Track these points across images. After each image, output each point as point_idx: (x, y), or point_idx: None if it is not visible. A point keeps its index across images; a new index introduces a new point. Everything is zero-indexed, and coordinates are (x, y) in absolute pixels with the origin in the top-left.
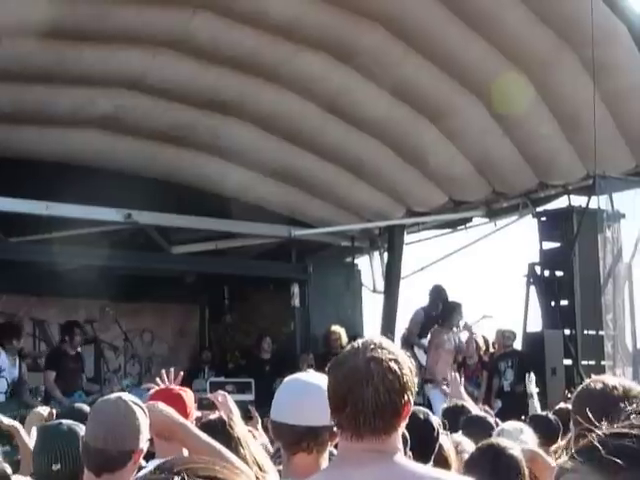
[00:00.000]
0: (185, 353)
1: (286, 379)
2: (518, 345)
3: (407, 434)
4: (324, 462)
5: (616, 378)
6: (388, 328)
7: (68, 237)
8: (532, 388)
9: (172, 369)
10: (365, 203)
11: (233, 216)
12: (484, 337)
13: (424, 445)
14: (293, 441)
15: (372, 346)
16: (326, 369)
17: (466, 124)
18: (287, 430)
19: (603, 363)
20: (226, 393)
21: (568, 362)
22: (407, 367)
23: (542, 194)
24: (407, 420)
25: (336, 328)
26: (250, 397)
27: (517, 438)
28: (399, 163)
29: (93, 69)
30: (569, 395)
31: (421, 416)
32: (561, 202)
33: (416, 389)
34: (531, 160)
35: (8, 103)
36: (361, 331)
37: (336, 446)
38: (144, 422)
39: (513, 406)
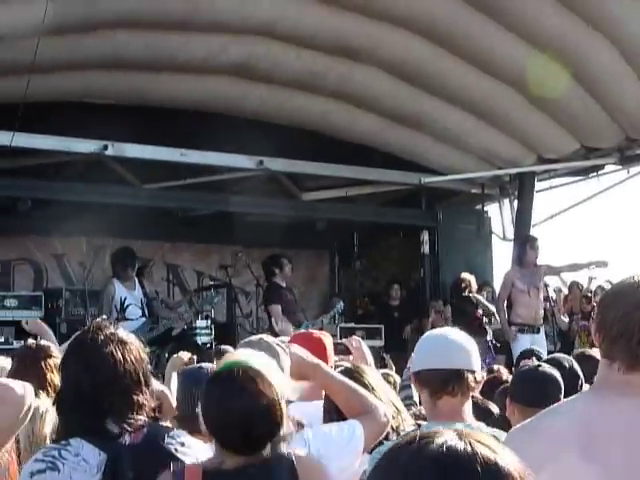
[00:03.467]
0: (315, 299)
1: (424, 335)
2: None
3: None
4: (468, 407)
5: None
6: None
7: (201, 184)
8: None
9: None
10: (495, 150)
11: (363, 163)
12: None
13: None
14: (439, 385)
15: None
16: (597, 299)
17: (600, 69)
18: (432, 375)
19: None
20: (360, 338)
21: None
22: None
23: None
24: None
25: (466, 275)
26: (380, 343)
27: None
28: (530, 109)
29: (225, 16)
30: None
31: (566, 364)
32: None
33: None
34: None
35: (144, 51)
36: (491, 279)
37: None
38: (287, 363)
39: None
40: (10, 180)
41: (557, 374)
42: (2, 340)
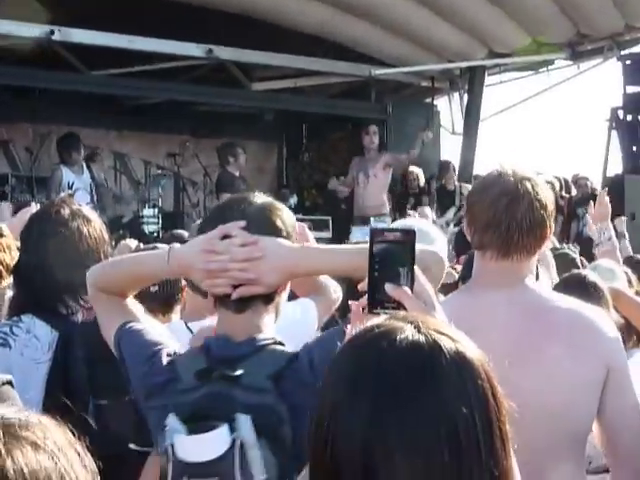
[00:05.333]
0: (263, 190)
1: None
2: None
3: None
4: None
5: None
6: (466, 170)
7: (150, 71)
8: (624, 228)
9: None
10: (446, 42)
11: (314, 54)
12: (561, 179)
13: None
14: None
15: (518, 170)
16: (468, 192)
17: None
18: None
19: None
20: (304, 225)
21: None
22: (549, 191)
23: (628, 37)
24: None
25: (414, 168)
26: (327, 235)
27: (608, 278)
28: (482, 1)
29: None
30: None
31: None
32: None
33: None
34: (618, 1)
35: None
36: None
37: None
38: None
39: (591, 251)
40: None
41: None
42: None
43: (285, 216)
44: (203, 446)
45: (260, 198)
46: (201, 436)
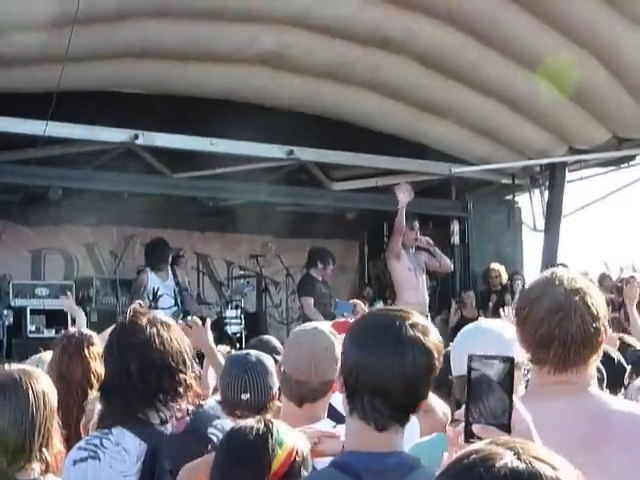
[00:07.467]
0: (345, 289)
1: (460, 333)
2: None
3: (603, 370)
4: None
5: None
6: (548, 267)
7: (231, 173)
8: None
9: None
10: (526, 140)
11: (393, 153)
12: None
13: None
14: None
15: (567, 278)
16: (516, 306)
17: (632, 60)
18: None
19: None
20: None
21: None
22: (600, 296)
23: None
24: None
25: (496, 266)
26: None
27: None
28: (562, 99)
29: (257, 6)
30: None
31: (614, 356)
32: None
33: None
34: None
35: (175, 40)
36: (521, 269)
37: None
38: (340, 351)
39: None
40: (42, 169)
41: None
42: (33, 329)
43: None
44: None
45: None
46: None
